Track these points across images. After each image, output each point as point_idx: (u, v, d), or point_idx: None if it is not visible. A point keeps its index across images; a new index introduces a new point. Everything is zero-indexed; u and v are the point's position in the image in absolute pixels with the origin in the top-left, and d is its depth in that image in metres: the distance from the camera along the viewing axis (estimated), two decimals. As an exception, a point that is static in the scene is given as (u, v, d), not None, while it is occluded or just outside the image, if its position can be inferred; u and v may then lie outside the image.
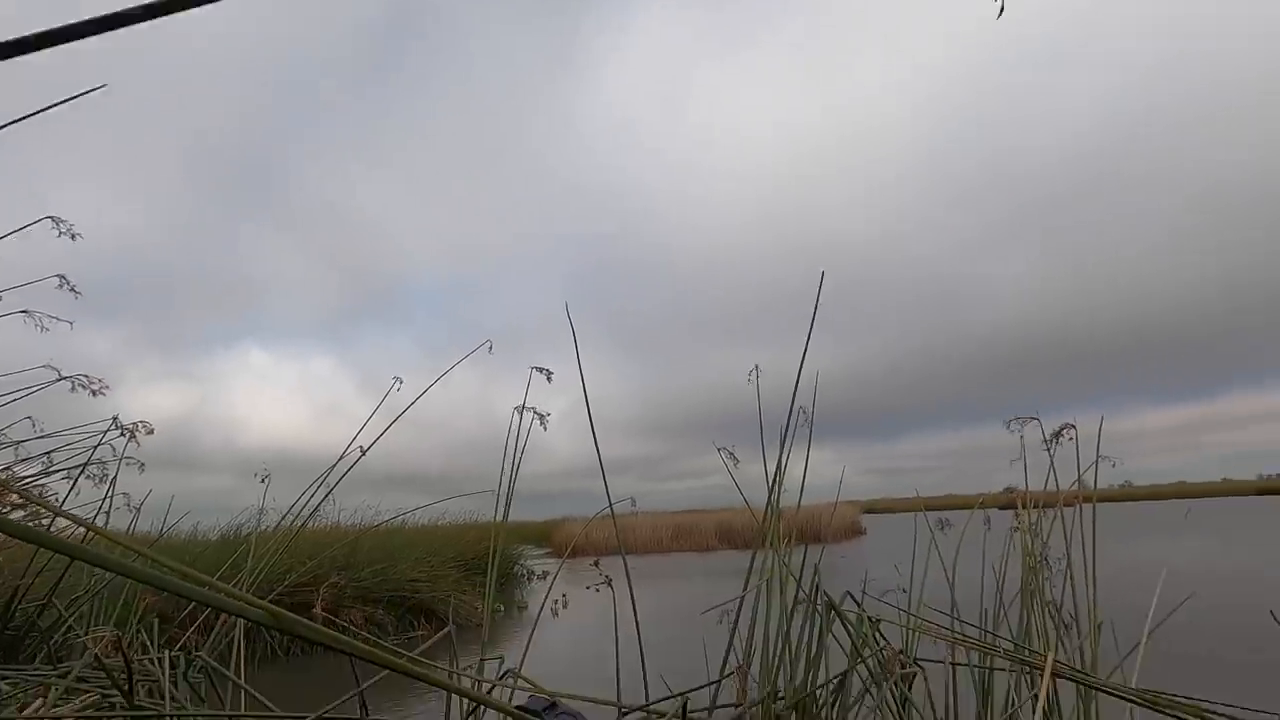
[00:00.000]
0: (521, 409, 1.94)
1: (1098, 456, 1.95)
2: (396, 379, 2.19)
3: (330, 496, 2.22)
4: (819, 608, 1.75)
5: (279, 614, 0.50)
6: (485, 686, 1.48)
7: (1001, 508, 2.18)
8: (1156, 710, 1.38)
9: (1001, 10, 0.52)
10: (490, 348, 2.08)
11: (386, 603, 6.45)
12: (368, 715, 1.52)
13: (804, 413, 1.94)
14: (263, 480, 2.56)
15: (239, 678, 1.64)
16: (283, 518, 2.44)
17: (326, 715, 1.24)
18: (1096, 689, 1.54)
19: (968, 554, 2.11)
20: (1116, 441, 2.00)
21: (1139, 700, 1.40)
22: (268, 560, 2.29)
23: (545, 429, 1.94)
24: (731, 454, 1.99)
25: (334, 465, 2.21)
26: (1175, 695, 1.40)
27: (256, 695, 1.53)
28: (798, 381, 1.93)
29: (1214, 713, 1.33)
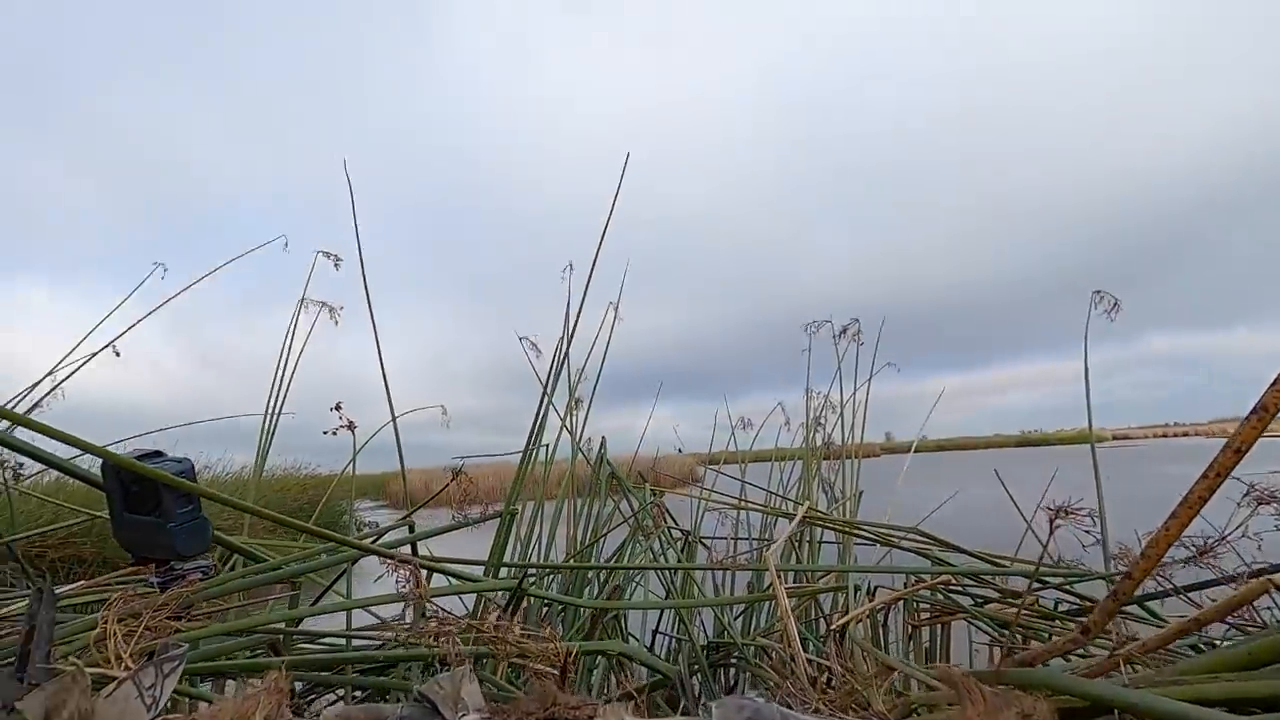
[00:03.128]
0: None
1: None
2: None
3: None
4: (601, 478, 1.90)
5: None
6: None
7: (826, 458, 2.41)
8: (879, 542, 1.67)
9: None
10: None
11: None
12: None
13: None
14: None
15: None
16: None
17: None
18: (825, 525, 1.87)
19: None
20: (915, 401, 2.35)
21: (850, 530, 1.72)
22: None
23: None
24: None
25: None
26: (894, 529, 1.68)
27: None
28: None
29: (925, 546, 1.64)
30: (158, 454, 0.78)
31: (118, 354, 1.82)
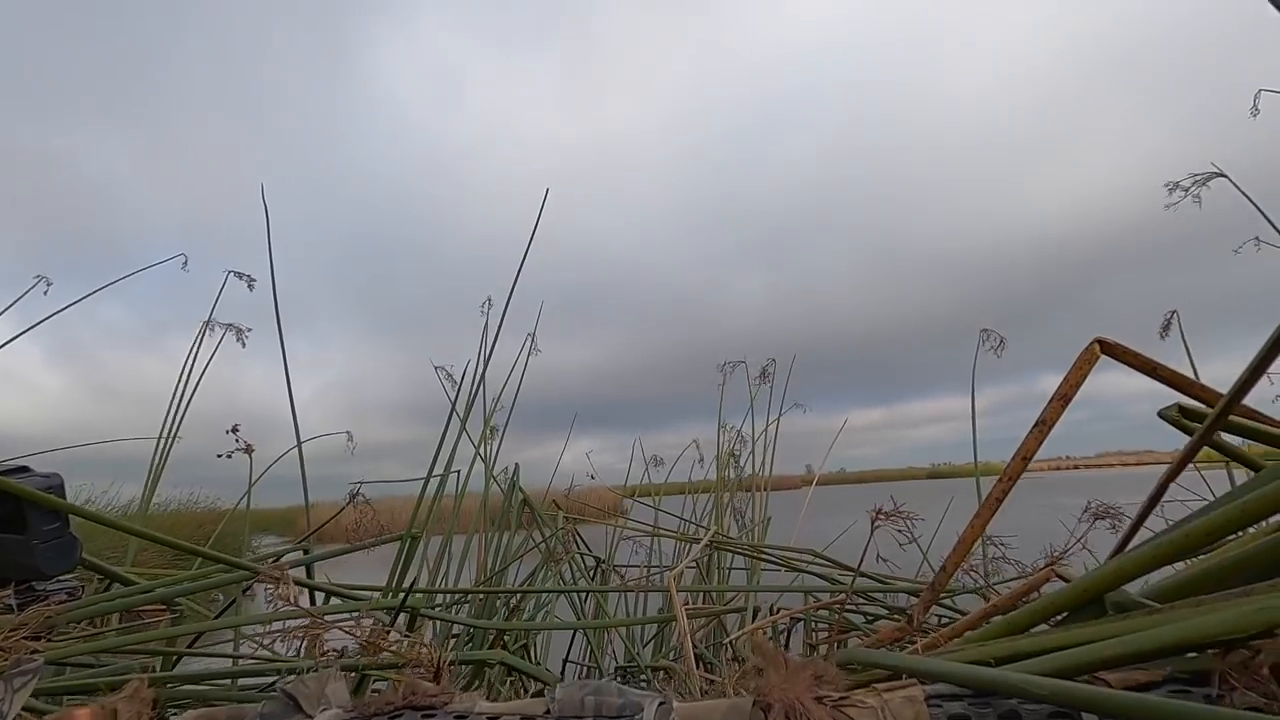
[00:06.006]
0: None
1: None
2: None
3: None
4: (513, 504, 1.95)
5: None
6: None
7: (739, 490, 2.51)
8: (782, 566, 1.76)
9: None
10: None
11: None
12: None
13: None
14: None
15: None
16: None
17: None
18: (730, 549, 1.95)
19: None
20: (831, 435, 2.49)
21: (754, 554, 1.80)
22: None
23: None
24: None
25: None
26: (795, 550, 1.77)
27: None
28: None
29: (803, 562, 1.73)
30: (23, 469, 0.75)
31: (-11, 373, 1.71)
